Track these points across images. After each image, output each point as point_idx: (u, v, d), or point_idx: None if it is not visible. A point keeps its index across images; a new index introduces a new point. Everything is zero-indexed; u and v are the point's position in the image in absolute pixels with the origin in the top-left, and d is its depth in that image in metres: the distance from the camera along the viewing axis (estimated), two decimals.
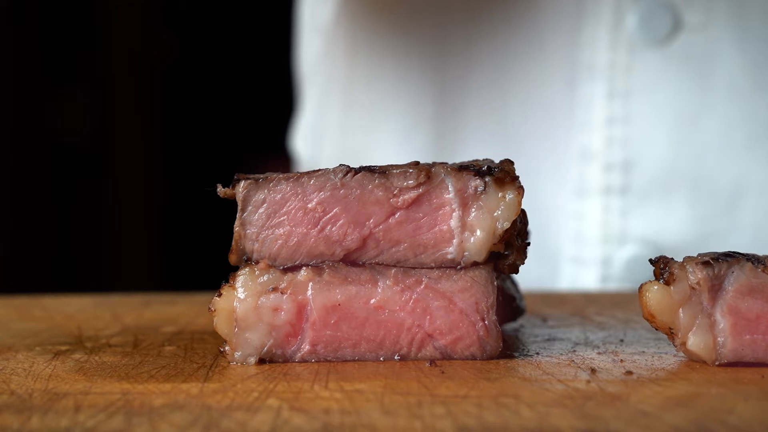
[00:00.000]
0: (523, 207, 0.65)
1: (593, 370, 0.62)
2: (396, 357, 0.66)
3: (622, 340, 0.72)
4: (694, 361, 0.64)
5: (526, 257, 0.66)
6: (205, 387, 0.59)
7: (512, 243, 0.65)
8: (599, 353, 0.67)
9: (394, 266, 0.66)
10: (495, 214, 0.65)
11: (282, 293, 0.66)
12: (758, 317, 0.62)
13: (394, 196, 0.66)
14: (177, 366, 0.64)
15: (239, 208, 0.66)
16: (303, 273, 0.66)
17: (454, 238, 0.66)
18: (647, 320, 0.64)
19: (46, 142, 2.55)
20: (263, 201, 0.66)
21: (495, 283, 0.66)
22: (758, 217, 1.09)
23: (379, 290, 0.66)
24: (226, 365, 0.65)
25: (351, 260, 0.66)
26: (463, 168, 0.66)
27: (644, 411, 0.53)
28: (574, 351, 0.68)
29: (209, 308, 0.66)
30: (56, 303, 0.94)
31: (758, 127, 1.09)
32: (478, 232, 0.65)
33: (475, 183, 0.65)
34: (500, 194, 0.65)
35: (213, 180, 0.68)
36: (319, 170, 0.66)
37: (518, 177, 0.65)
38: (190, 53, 2.66)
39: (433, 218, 0.66)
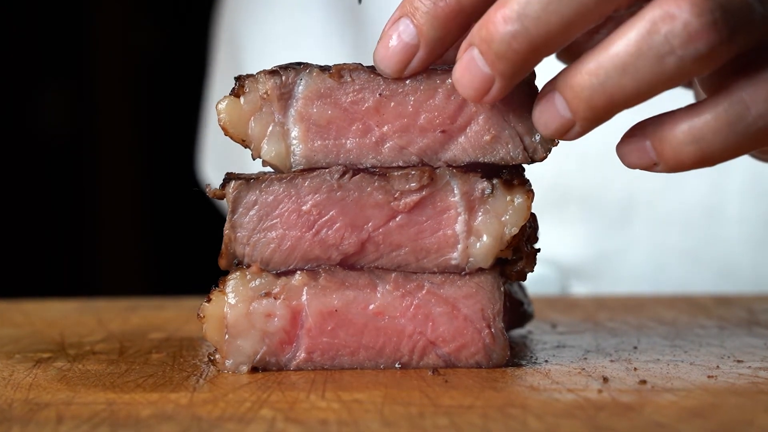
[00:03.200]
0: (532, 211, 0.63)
1: (605, 379, 0.60)
2: (397, 365, 0.64)
3: (635, 347, 0.70)
4: None
5: (535, 264, 0.64)
6: (195, 397, 0.57)
7: (521, 249, 0.63)
8: (611, 361, 0.66)
9: (395, 270, 0.64)
10: (503, 218, 0.63)
11: (275, 298, 0.63)
12: (329, 123, 0.64)
13: (395, 199, 0.63)
14: (165, 374, 0.63)
15: (229, 209, 0.64)
16: (297, 277, 0.64)
17: (458, 244, 0.63)
18: (224, 133, 0.65)
19: (27, 139, 2.52)
20: (254, 202, 0.64)
21: (502, 288, 0.64)
22: (652, 228, 1.07)
23: (379, 295, 0.64)
24: (217, 374, 0.63)
25: (348, 264, 0.64)
26: (469, 170, 0.63)
27: (659, 422, 0.51)
28: (585, 359, 0.67)
29: (198, 314, 0.64)
30: (37, 308, 0.93)
31: None
32: (485, 238, 0.63)
33: (482, 186, 0.63)
34: (508, 198, 0.63)
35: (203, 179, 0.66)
36: (314, 171, 0.64)
37: (528, 180, 0.63)
38: (178, 44, 2.64)
39: (436, 222, 0.64)
